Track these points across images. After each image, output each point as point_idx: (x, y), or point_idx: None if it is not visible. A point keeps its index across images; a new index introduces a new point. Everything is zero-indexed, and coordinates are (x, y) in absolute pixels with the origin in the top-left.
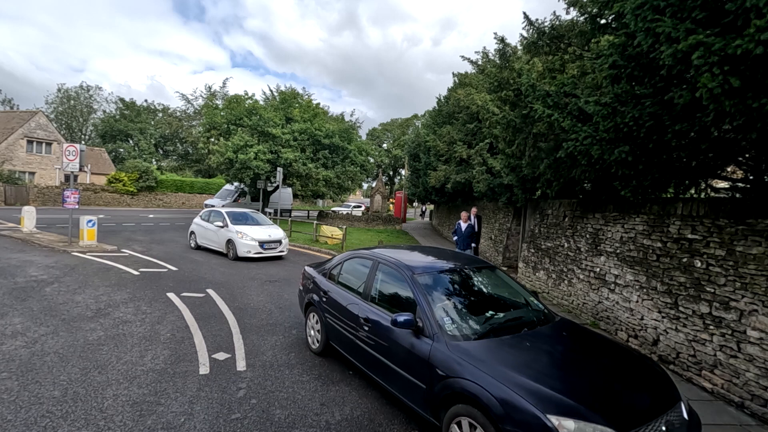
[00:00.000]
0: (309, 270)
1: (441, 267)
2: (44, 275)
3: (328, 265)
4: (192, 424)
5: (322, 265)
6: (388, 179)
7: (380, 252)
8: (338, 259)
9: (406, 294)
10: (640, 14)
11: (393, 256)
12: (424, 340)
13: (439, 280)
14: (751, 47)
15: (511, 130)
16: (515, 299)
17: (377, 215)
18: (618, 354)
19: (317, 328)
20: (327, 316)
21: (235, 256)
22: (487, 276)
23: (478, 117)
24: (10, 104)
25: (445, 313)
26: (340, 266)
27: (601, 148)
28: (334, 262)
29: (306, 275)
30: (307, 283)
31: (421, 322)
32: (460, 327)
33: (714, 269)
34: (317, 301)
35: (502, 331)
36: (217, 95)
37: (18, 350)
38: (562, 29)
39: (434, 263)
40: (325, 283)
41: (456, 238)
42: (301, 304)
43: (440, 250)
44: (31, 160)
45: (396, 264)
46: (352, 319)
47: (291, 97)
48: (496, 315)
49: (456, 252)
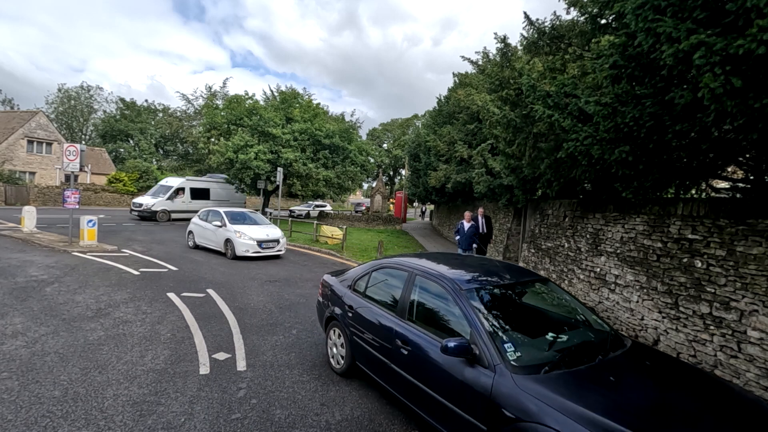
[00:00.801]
0: (329, 279)
1: (490, 281)
2: (44, 275)
3: (351, 274)
4: (192, 424)
5: (343, 274)
6: (388, 179)
7: (415, 261)
8: (364, 268)
9: (452, 312)
10: (640, 14)
11: (432, 267)
12: (481, 371)
13: (491, 297)
14: (753, 47)
15: (511, 130)
16: (575, 317)
17: (377, 215)
18: (718, 390)
19: (341, 345)
20: (353, 333)
21: (234, 255)
22: (541, 290)
23: (479, 117)
24: (11, 104)
25: (506, 338)
26: (367, 277)
27: (601, 148)
28: (359, 271)
29: (325, 285)
30: (328, 295)
31: (477, 349)
32: (525, 355)
33: (714, 269)
34: (340, 315)
35: (574, 360)
36: (217, 95)
37: (18, 350)
38: (563, 29)
39: (481, 276)
40: (350, 295)
41: (458, 237)
42: (320, 317)
43: (480, 260)
44: (31, 160)
45: (438, 276)
46: (385, 340)
47: (291, 97)
48: (560, 338)
49: (497, 262)
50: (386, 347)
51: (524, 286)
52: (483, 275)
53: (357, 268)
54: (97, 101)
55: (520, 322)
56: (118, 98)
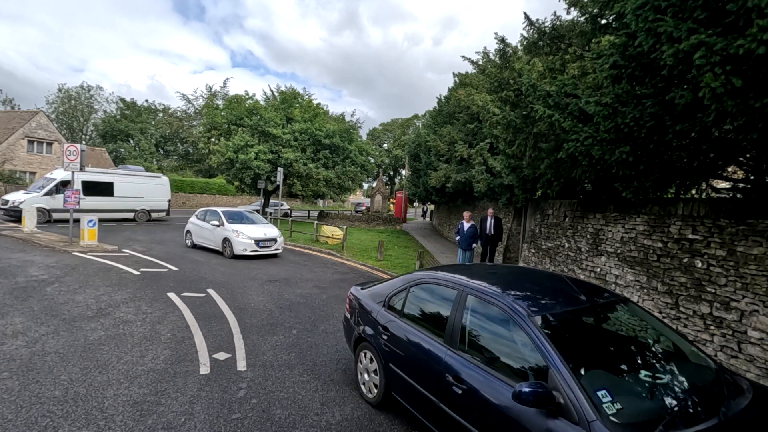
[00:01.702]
0: (357, 293)
1: (562, 303)
2: (45, 275)
3: (384, 289)
4: (192, 424)
5: (373, 287)
6: (388, 179)
7: (463, 278)
8: (399, 283)
9: (519, 343)
10: (641, 14)
11: (486, 285)
12: (569, 428)
13: (568, 324)
14: (753, 47)
15: (511, 131)
16: (671, 349)
17: (378, 215)
18: None
19: (373, 372)
20: (388, 358)
21: (232, 254)
22: (624, 314)
23: (479, 117)
24: (11, 104)
25: (598, 382)
26: (404, 293)
27: (601, 148)
28: (394, 286)
29: (353, 300)
30: (357, 311)
31: (561, 397)
32: (627, 407)
33: (715, 269)
34: (372, 336)
35: (691, 416)
36: (217, 95)
37: (19, 350)
38: (563, 29)
39: (548, 296)
40: (384, 314)
41: (458, 238)
42: (347, 336)
43: (536, 274)
44: (31, 160)
45: (496, 297)
46: (431, 372)
47: (291, 97)
48: (659, 378)
49: (558, 276)
50: (432, 381)
51: (604, 309)
52: (550, 295)
53: (390, 281)
54: (98, 101)
55: (608, 358)
56: (118, 98)
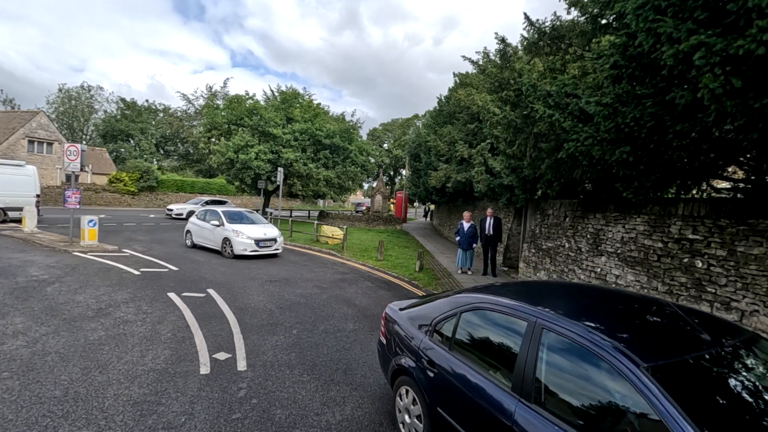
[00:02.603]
0: (395, 315)
1: (685, 348)
2: (45, 275)
3: (428, 312)
4: (193, 424)
5: (413, 307)
6: (388, 179)
7: (535, 308)
8: (446, 305)
9: (627, 403)
10: (641, 14)
11: (569, 317)
12: None
13: (695, 378)
14: (753, 47)
15: (511, 131)
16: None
17: (378, 215)
18: None
19: (416, 417)
20: (435, 401)
21: (232, 254)
22: (756, 355)
23: (479, 117)
24: (11, 104)
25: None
26: (454, 319)
27: (602, 148)
28: (441, 310)
29: (390, 321)
30: (394, 336)
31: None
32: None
33: (715, 269)
34: (415, 370)
35: None
36: (218, 95)
37: (19, 350)
38: (563, 29)
39: (662, 336)
40: (429, 343)
41: (458, 238)
42: (383, 364)
43: (636, 300)
44: (32, 160)
45: (592, 339)
46: (496, 428)
47: (292, 97)
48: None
49: (661, 302)
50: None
51: (734, 354)
52: (660, 332)
53: (434, 302)
54: (98, 101)
55: (754, 427)
56: (118, 98)
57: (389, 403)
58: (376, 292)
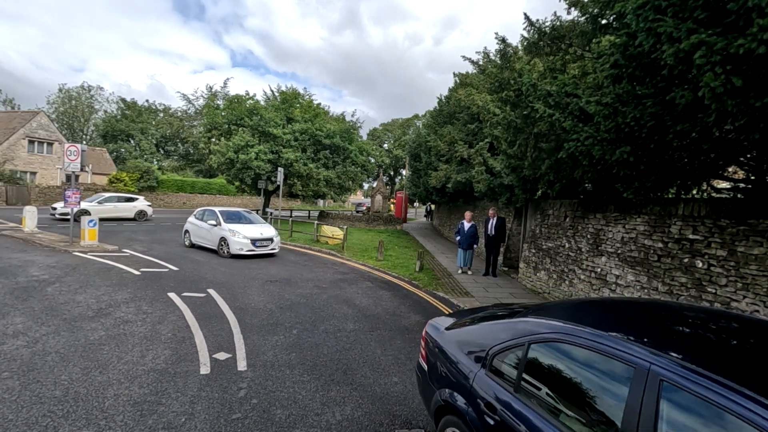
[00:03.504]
0: (438, 336)
1: None
2: (45, 275)
3: (481, 336)
4: (193, 424)
5: (461, 327)
6: (388, 179)
7: (647, 348)
8: (507, 331)
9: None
10: (641, 14)
11: (712, 375)
12: None
13: None
14: (754, 46)
15: (512, 131)
16: None
17: (378, 215)
18: None
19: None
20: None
21: (229, 253)
22: None
23: (479, 117)
24: (11, 104)
25: None
26: (521, 353)
27: (602, 148)
28: (499, 338)
29: (432, 344)
30: (439, 361)
31: None
32: None
33: (715, 270)
34: (465, 412)
35: None
36: (218, 95)
37: (19, 350)
38: (563, 29)
39: None
40: (486, 380)
41: (459, 238)
42: (422, 393)
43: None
44: (32, 160)
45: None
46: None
47: (292, 97)
48: None
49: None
50: None
51: None
52: None
53: (489, 326)
54: (98, 101)
55: None
56: (119, 98)
57: (389, 403)
58: (377, 292)
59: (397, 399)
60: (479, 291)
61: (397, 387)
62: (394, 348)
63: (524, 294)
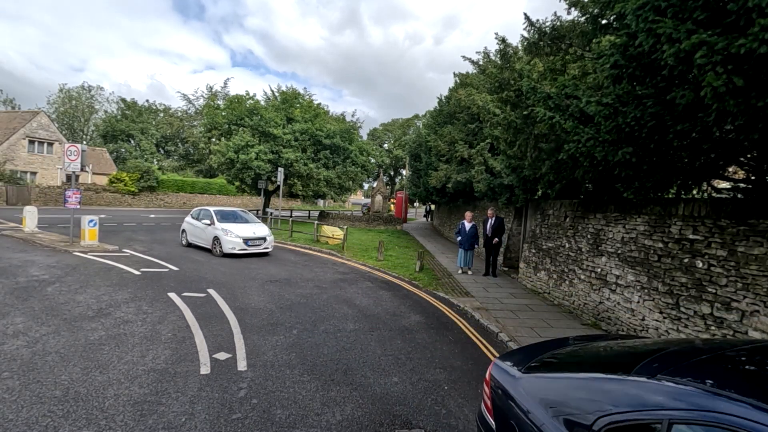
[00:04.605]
0: (512, 384)
1: None
2: (46, 275)
3: (579, 391)
4: (193, 424)
5: (544, 371)
6: (389, 179)
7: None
8: (627, 395)
9: None
10: (641, 15)
11: None
12: None
13: None
14: (755, 46)
15: (512, 131)
16: None
17: (378, 215)
18: None
19: None
20: None
21: (221, 252)
22: None
23: (479, 117)
24: (11, 104)
25: None
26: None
27: (603, 149)
28: (613, 399)
29: (503, 392)
30: (513, 422)
31: None
32: None
33: (715, 270)
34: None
35: None
36: (218, 95)
37: (19, 350)
38: (563, 30)
39: None
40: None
41: (459, 238)
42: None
43: None
44: (32, 160)
45: None
46: None
47: (292, 97)
48: None
49: None
50: None
51: None
52: None
53: (592, 379)
54: (98, 101)
55: None
56: (119, 98)
57: (389, 403)
58: (377, 292)
59: (397, 399)
60: (479, 291)
61: (397, 387)
62: (394, 348)
63: (524, 294)
